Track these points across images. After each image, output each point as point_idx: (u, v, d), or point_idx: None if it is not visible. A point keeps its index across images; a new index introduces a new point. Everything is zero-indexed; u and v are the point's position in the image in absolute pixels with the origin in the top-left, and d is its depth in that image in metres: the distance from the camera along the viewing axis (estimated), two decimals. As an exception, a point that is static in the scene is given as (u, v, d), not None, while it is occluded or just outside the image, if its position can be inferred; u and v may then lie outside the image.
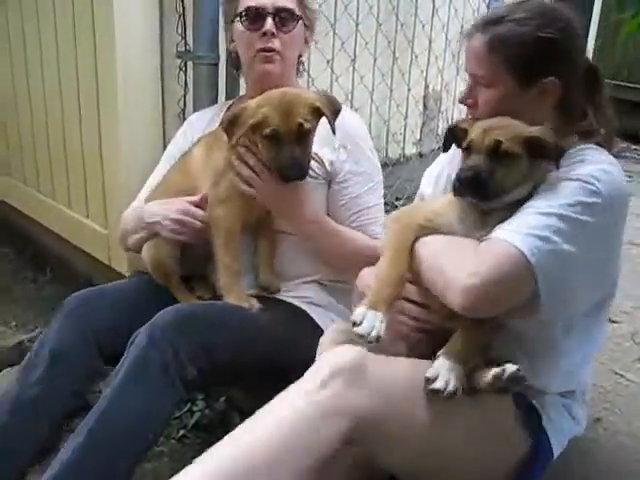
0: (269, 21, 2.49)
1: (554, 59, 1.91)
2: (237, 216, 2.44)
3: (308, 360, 2.19)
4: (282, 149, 2.28)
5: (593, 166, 1.81)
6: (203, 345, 2.22)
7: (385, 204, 2.71)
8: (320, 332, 2.51)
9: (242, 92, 3.02)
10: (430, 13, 5.00)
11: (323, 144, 2.47)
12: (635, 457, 2.79)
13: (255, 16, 2.51)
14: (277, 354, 2.38)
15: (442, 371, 1.81)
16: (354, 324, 1.83)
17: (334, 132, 2.34)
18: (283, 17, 2.52)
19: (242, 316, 2.37)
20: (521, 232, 1.73)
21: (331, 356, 1.82)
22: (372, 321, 1.82)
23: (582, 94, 2.00)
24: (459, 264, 1.78)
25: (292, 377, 2.21)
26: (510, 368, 1.81)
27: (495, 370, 1.83)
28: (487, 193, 1.84)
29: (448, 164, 2.31)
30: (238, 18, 2.55)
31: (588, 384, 2.19)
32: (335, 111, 2.35)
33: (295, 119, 2.26)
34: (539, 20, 1.90)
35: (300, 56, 2.72)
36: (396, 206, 5.05)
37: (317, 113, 2.32)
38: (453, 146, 2.10)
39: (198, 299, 2.56)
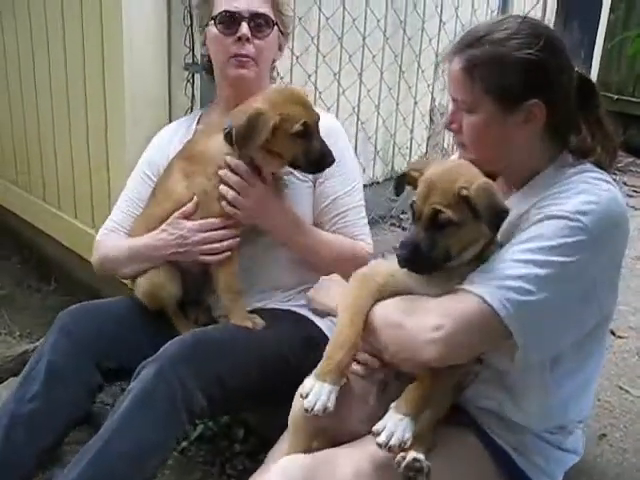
0: (244, 26, 2.45)
1: (535, 81, 1.79)
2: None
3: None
4: (313, 140, 2.28)
5: (581, 198, 1.73)
6: (212, 374, 2.20)
7: (391, 217, 2.71)
8: (323, 336, 2.51)
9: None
10: (437, 28, 5.00)
11: None
12: (640, 474, 2.78)
13: (230, 20, 2.47)
14: (285, 368, 2.36)
15: (388, 424, 1.76)
16: (301, 396, 1.78)
17: None
18: (258, 22, 2.48)
19: (247, 337, 2.35)
20: (492, 284, 1.68)
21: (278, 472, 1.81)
22: (318, 394, 1.76)
23: (575, 111, 1.89)
24: (420, 318, 1.74)
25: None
26: (409, 456, 1.76)
27: (400, 455, 1.77)
28: (430, 266, 1.77)
29: None
30: (213, 22, 2.51)
31: (585, 411, 2.08)
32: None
33: (313, 109, 2.30)
34: (518, 40, 1.78)
35: (274, 61, 2.68)
36: (401, 219, 5.06)
37: None
38: None
39: (195, 323, 2.51)
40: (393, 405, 1.80)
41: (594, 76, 7.46)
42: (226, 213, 2.36)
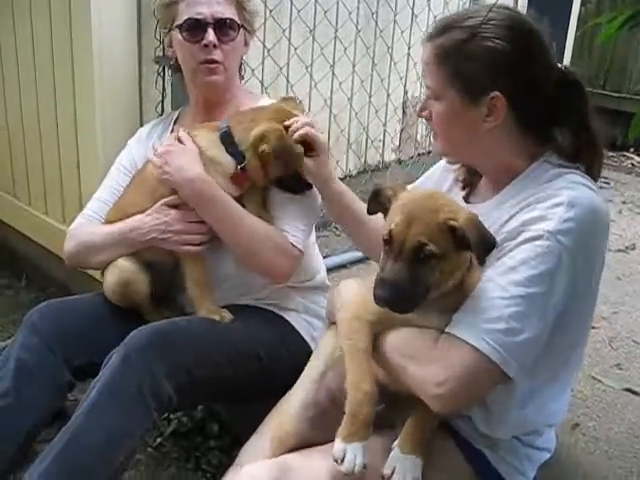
0: (210, 32, 2.43)
1: (499, 72, 1.77)
2: None
3: (290, 366, 2.19)
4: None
5: (559, 213, 1.69)
6: (179, 363, 2.19)
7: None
8: (297, 335, 2.52)
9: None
10: (409, 19, 5.00)
11: None
12: (613, 462, 2.80)
13: (195, 27, 2.45)
14: (255, 363, 2.37)
15: (397, 466, 1.75)
16: (336, 461, 1.71)
17: None
18: (224, 27, 2.46)
19: (215, 329, 2.34)
20: (481, 328, 1.67)
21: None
22: (353, 458, 1.69)
23: (551, 106, 1.85)
24: (423, 369, 1.73)
25: (274, 385, 2.21)
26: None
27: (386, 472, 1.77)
28: (412, 304, 1.70)
29: (445, 174, 2.23)
30: (178, 30, 2.48)
31: (559, 416, 2.06)
32: None
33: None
34: (486, 29, 1.77)
35: (241, 58, 2.68)
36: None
37: None
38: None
39: (166, 319, 2.47)
40: (397, 444, 1.79)
41: (565, 68, 7.50)
42: None
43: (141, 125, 3.16)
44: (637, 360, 3.60)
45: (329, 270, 2.99)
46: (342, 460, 1.70)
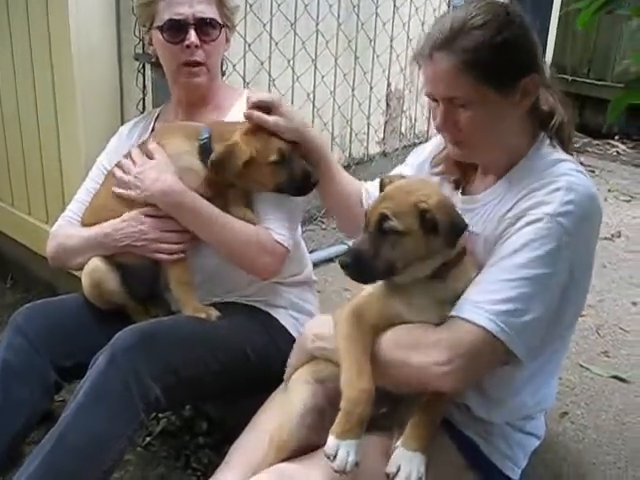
0: (192, 34, 2.40)
1: (523, 58, 1.82)
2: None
3: (278, 363, 2.19)
4: (293, 165, 2.28)
5: (561, 196, 1.74)
6: (166, 363, 2.18)
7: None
8: (285, 332, 2.51)
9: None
10: (391, 12, 4.99)
11: None
12: (602, 449, 2.81)
13: (176, 28, 2.42)
14: (243, 361, 2.36)
15: (402, 463, 1.75)
16: (327, 457, 1.72)
17: None
18: (205, 27, 2.44)
19: (202, 328, 2.33)
20: (486, 308, 1.69)
21: None
22: (345, 455, 1.69)
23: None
24: (426, 354, 1.73)
25: (262, 383, 2.21)
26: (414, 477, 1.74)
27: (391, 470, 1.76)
28: (371, 275, 1.77)
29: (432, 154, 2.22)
30: (158, 30, 2.46)
31: (550, 399, 2.10)
32: None
33: (280, 138, 2.29)
34: (496, 23, 1.78)
35: (222, 55, 2.66)
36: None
37: None
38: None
39: (154, 318, 2.46)
40: (400, 442, 1.79)
41: (549, 58, 7.51)
42: None
43: (122, 123, 3.14)
44: (624, 347, 3.61)
45: (315, 265, 2.99)
46: (334, 457, 1.70)
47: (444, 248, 1.74)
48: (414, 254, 1.73)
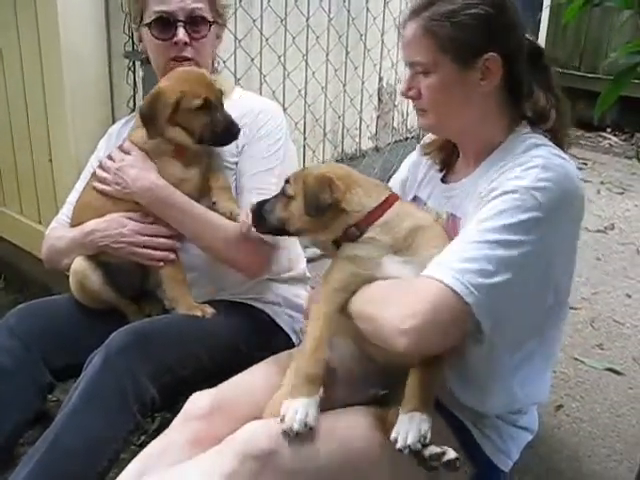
0: (181, 31, 2.40)
1: (488, 35, 1.83)
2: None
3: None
4: (216, 114, 2.32)
5: (536, 172, 1.73)
6: (161, 362, 2.18)
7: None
8: (279, 329, 2.51)
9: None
10: (381, 6, 4.98)
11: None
12: (597, 442, 2.83)
13: (165, 25, 2.41)
14: (238, 358, 2.35)
15: (401, 426, 1.71)
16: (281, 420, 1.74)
17: None
18: (195, 24, 2.43)
19: (196, 326, 2.33)
20: (454, 267, 1.66)
21: (241, 440, 1.75)
22: (293, 413, 1.72)
23: (527, 74, 1.92)
24: (390, 310, 1.71)
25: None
26: (450, 455, 1.72)
27: (434, 450, 1.72)
28: (266, 226, 2.01)
29: (413, 168, 2.28)
30: (147, 27, 2.45)
31: (543, 393, 2.07)
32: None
33: (214, 87, 2.33)
34: None
35: (213, 52, 2.64)
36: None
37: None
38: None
39: (148, 316, 2.47)
40: (401, 408, 1.77)
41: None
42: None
43: (113, 121, 3.14)
44: (618, 340, 3.63)
45: (309, 260, 2.98)
46: (282, 418, 1.73)
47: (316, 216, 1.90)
48: (301, 218, 1.91)
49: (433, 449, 1.72)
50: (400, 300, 1.70)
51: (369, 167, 5.04)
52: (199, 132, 2.33)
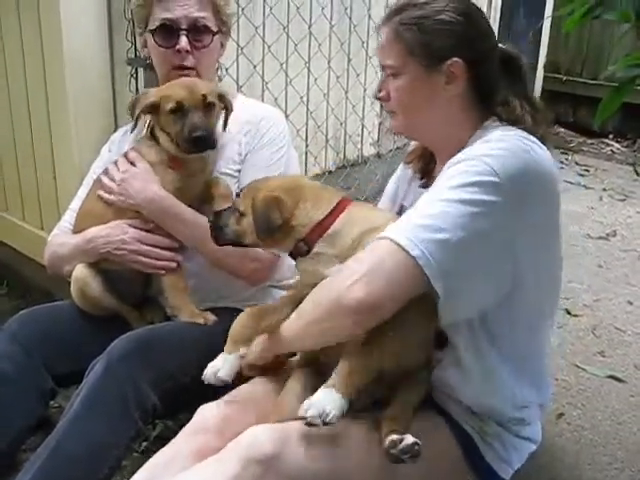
0: (183, 39, 2.41)
1: (456, 41, 1.89)
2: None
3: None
4: (187, 118, 2.31)
5: (491, 144, 1.77)
6: (162, 369, 2.19)
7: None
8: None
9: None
10: (383, 13, 4.97)
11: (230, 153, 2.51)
12: (598, 449, 2.82)
13: (168, 32, 2.43)
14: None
15: (312, 398, 1.70)
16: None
17: (225, 125, 2.45)
18: (198, 32, 2.44)
19: (198, 333, 2.33)
20: (403, 227, 1.68)
21: (245, 444, 1.75)
22: (217, 363, 1.89)
23: (498, 81, 1.97)
24: (341, 273, 1.71)
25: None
26: (408, 440, 1.71)
27: (393, 437, 1.72)
28: (221, 238, 2.04)
29: (399, 180, 2.35)
30: (150, 34, 2.47)
31: (545, 394, 2.07)
32: (231, 105, 2.44)
33: (198, 92, 2.32)
34: (438, 4, 1.90)
35: (217, 60, 2.67)
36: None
37: (220, 98, 2.40)
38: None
39: (150, 323, 2.48)
40: (323, 385, 1.75)
41: (542, 58, 7.52)
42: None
43: (116, 127, 3.14)
44: (620, 347, 3.62)
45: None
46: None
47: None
48: (251, 233, 1.95)
49: (391, 437, 1.73)
50: (351, 265, 1.72)
51: (371, 173, 5.05)
52: (174, 137, 2.35)
